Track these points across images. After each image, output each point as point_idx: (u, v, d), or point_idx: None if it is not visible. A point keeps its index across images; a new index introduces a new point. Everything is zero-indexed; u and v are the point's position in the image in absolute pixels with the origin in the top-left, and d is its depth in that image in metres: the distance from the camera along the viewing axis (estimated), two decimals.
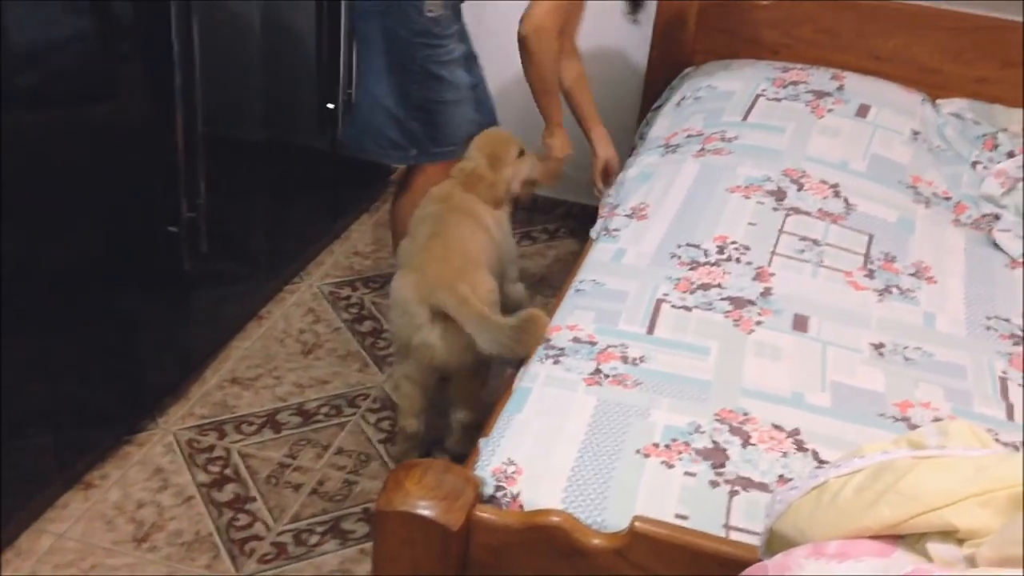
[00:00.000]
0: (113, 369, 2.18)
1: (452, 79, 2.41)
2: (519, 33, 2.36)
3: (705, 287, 1.87)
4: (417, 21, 2.30)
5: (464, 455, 1.69)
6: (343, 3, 2.69)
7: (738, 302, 1.84)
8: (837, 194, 2.21)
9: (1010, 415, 1.66)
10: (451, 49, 2.38)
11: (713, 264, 1.95)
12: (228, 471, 2.23)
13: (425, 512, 1.31)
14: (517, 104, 2.76)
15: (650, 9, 2.63)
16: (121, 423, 2.27)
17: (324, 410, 2.45)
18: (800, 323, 1.80)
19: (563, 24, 2.45)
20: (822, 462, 1.45)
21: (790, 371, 1.68)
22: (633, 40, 3.02)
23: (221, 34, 2.23)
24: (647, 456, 1.45)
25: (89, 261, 2.00)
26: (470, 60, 2.48)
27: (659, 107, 2.83)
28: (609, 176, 2.71)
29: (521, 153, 2.40)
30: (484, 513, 1.35)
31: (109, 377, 2.17)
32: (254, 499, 2.17)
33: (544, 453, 1.46)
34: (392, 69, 2.39)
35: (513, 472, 1.42)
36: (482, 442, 1.51)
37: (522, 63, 2.43)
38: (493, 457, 1.45)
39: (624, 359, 1.67)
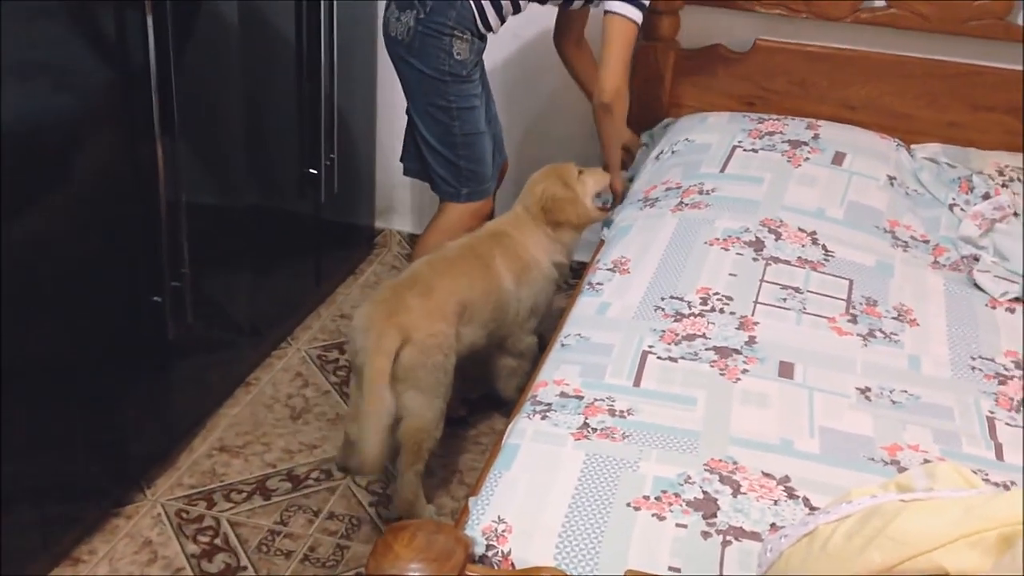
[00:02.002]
0: (99, 441, 2.16)
1: (480, 108, 2.58)
2: (601, 100, 2.53)
3: (690, 338, 1.88)
4: (446, 63, 2.46)
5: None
6: (323, 71, 2.73)
7: (723, 351, 1.84)
8: (815, 241, 2.23)
9: (999, 455, 1.66)
10: (476, 84, 2.56)
11: (697, 315, 1.96)
12: (218, 541, 2.21)
13: (415, 575, 1.29)
14: (516, 123, 2.86)
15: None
16: (108, 496, 2.24)
17: (314, 475, 2.43)
18: (786, 370, 1.81)
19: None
20: (813, 509, 1.44)
21: (778, 418, 1.68)
22: None
23: (203, 101, 2.26)
24: (638, 509, 1.45)
25: (73, 333, 1.99)
26: (485, 97, 2.67)
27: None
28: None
29: (580, 172, 2.56)
30: (475, 573, 1.34)
31: (95, 449, 2.15)
32: (245, 568, 2.14)
33: (534, 510, 1.45)
34: (429, 109, 2.55)
35: (503, 530, 1.41)
36: (471, 501, 1.50)
37: (600, 122, 2.62)
38: (483, 516, 1.44)
39: (611, 412, 1.67)
